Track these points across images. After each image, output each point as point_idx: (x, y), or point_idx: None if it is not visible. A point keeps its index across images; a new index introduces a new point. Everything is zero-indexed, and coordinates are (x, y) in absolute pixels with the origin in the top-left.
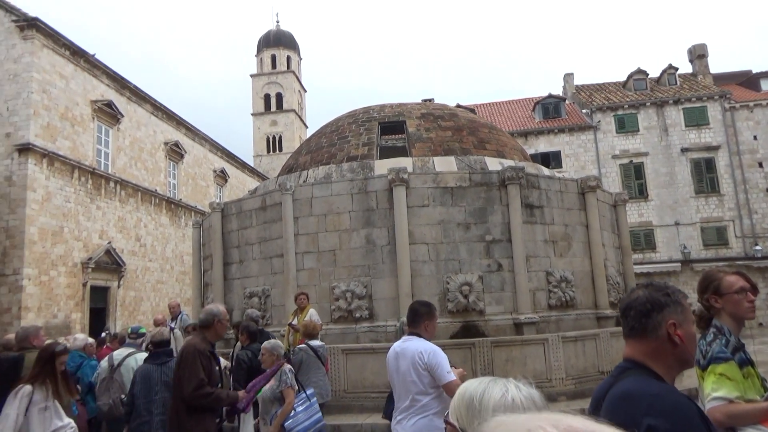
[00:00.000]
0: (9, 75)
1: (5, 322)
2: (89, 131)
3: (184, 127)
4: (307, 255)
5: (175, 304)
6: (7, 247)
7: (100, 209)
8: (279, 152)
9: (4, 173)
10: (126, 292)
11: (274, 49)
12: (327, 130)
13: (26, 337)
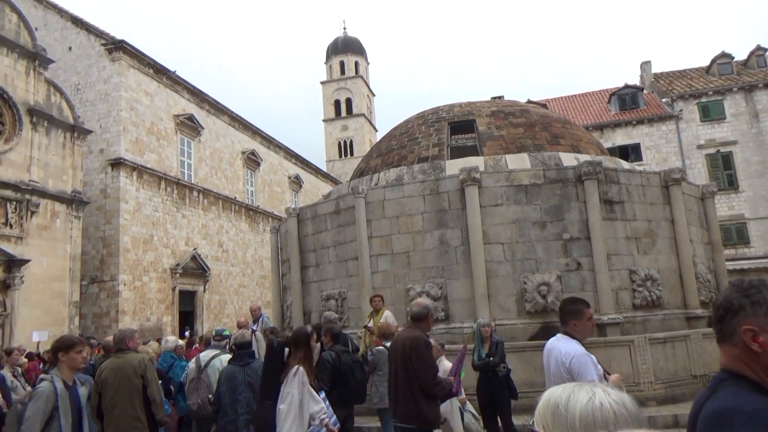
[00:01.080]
0: (101, 95)
1: (105, 325)
2: (173, 144)
3: (259, 136)
4: (381, 257)
5: (256, 307)
6: (105, 255)
7: (185, 217)
8: (350, 156)
9: (99, 186)
10: (211, 296)
11: (343, 56)
12: (397, 132)
13: (123, 339)
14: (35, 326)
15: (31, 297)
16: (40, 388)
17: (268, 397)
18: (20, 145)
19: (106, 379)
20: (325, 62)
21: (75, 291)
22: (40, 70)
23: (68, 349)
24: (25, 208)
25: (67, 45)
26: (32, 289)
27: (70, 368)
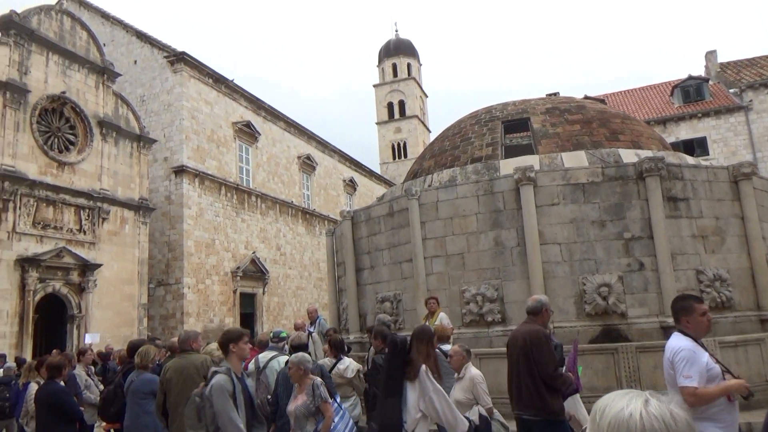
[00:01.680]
0: (164, 105)
1: (171, 326)
2: (232, 150)
3: (314, 141)
4: (436, 259)
5: (313, 309)
6: (170, 259)
7: (245, 222)
8: (404, 158)
9: (164, 193)
10: (270, 298)
11: (395, 58)
12: (449, 133)
13: (187, 340)
14: (108, 328)
15: (103, 299)
16: (217, 379)
17: (391, 394)
18: (92, 155)
19: (170, 379)
20: (377, 65)
21: (143, 293)
22: (108, 83)
23: (237, 340)
24: (97, 215)
25: (132, 59)
26: (104, 292)
27: (239, 358)
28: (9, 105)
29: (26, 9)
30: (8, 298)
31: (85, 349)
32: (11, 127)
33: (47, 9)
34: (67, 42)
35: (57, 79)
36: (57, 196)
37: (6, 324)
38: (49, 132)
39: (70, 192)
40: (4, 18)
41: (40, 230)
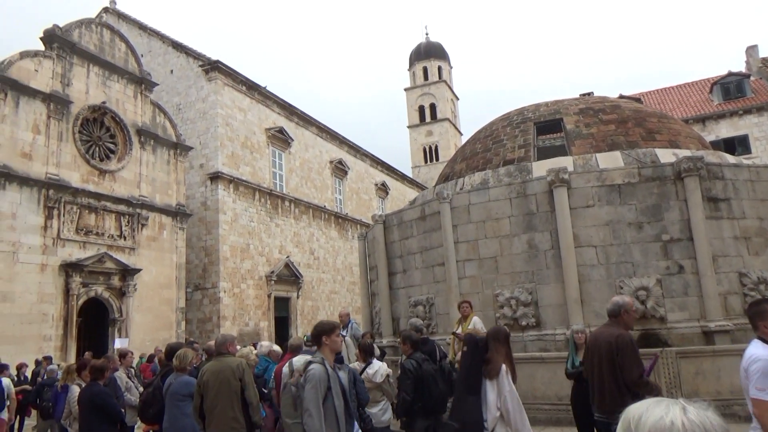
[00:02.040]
0: (199, 113)
1: (208, 330)
2: (265, 156)
3: (346, 145)
4: (468, 262)
5: (345, 313)
6: (207, 264)
7: (278, 226)
8: (436, 162)
9: (200, 199)
10: (304, 302)
11: (425, 61)
12: (481, 135)
13: (224, 343)
14: (148, 331)
15: (143, 303)
16: (312, 370)
17: (472, 392)
18: (131, 163)
19: (207, 381)
20: (408, 69)
21: (181, 298)
22: (146, 93)
23: (330, 332)
24: (137, 221)
25: (168, 68)
26: (144, 296)
27: (332, 351)
28: (53, 116)
29: (68, 23)
30: (53, 302)
31: (125, 352)
32: (55, 137)
33: (88, 22)
34: (107, 54)
35: (97, 90)
36: (98, 203)
37: (51, 327)
38: (91, 141)
39: (111, 199)
40: (48, 32)
41: (83, 236)
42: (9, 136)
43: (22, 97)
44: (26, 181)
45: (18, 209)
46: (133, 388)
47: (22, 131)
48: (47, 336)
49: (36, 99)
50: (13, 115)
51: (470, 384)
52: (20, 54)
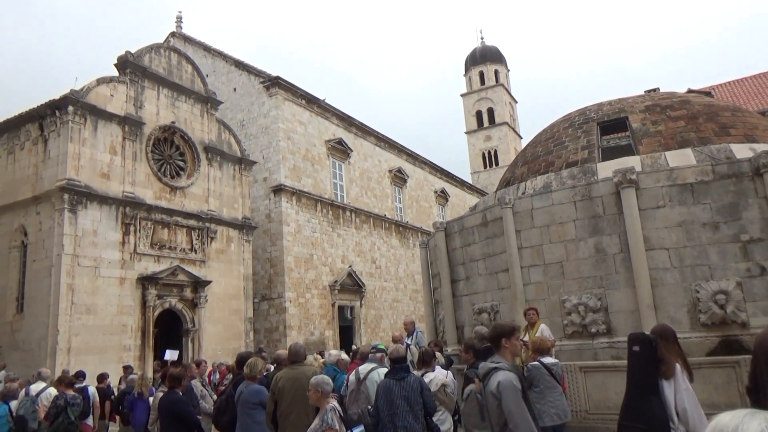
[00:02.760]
0: (262, 128)
1: (275, 339)
2: (326, 168)
3: (404, 154)
4: (533, 268)
5: (409, 321)
6: (272, 275)
7: (340, 236)
8: (495, 167)
9: (264, 212)
10: (367, 311)
11: (481, 66)
12: (542, 138)
13: (298, 352)
14: (219, 341)
15: (213, 314)
16: (505, 376)
17: (653, 392)
18: (199, 179)
19: (282, 388)
20: (464, 74)
21: (249, 308)
22: (211, 111)
23: (510, 335)
24: (206, 234)
25: (232, 86)
26: (214, 307)
27: (512, 354)
28: (127, 137)
29: (139, 48)
30: (132, 314)
31: (200, 361)
32: (130, 157)
33: (156, 47)
34: (175, 76)
35: (167, 111)
36: (171, 219)
37: (131, 338)
38: (162, 159)
39: (182, 214)
40: (121, 58)
41: (157, 251)
42: (89, 158)
43: (100, 120)
44: (105, 199)
45: (98, 226)
46: (208, 396)
47: (100, 153)
48: (127, 346)
49: (112, 122)
50: (93, 138)
51: (650, 384)
52: (97, 81)
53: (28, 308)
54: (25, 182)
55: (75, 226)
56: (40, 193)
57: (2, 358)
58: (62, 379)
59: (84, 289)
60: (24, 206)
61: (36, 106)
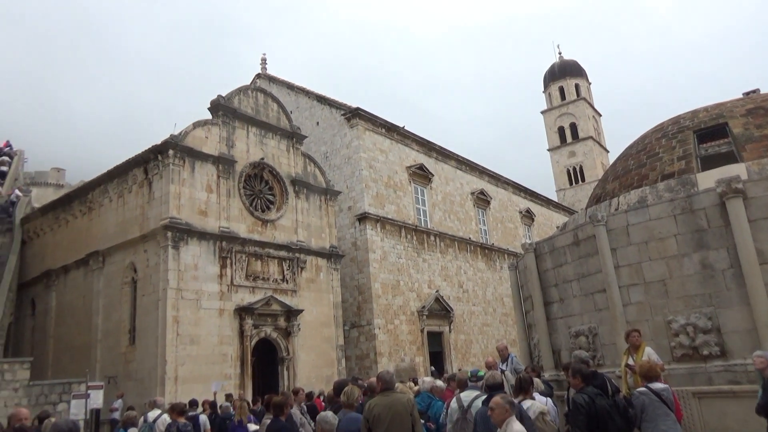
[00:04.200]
0: (345, 159)
1: (366, 366)
2: (408, 194)
3: (486, 175)
4: (632, 288)
5: (503, 346)
6: (360, 302)
7: (426, 261)
8: (582, 183)
9: (350, 240)
10: (457, 336)
11: (561, 81)
12: (632, 151)
13: (391, 380)
14: (312, 369)
15: (306, 342)
16: None
17: None
18: (288, 211)
19: (378, 415)
20: (543, 91)
21: (339, 335)
22: (297, 146)
23: None
24: (296, 264)
25: (315, 120)
26: (307, 335)
27: None
28: (221, 175)
29: (229, 92)
30: (231, 343)
31: (298, 389)
32: (224, 194)
33: (245, 89)
34: (262, 115)
35: (256, 148)
36: (263, 251)
37: (231, 367)
38: (253, 194)
39: (273, 246)
40: (214, 102)
41: (252, 282)
42: (188, 197)
43: (197, 161)
44: (204, 235)
45: (199, 261)
46: (307, 424)
47: (198, 191)
48: (228, 374)
49: (207, 162)
50: (191, 178)
51: None
52: (193, 124)
53: (140, 340)
54: (134, 222)
55: (178, 261)
56: (146, 231)
57: (119, 388)
58: (174, 407)
59: (188, 321)
60: (133, 245)
61: (141, 152)
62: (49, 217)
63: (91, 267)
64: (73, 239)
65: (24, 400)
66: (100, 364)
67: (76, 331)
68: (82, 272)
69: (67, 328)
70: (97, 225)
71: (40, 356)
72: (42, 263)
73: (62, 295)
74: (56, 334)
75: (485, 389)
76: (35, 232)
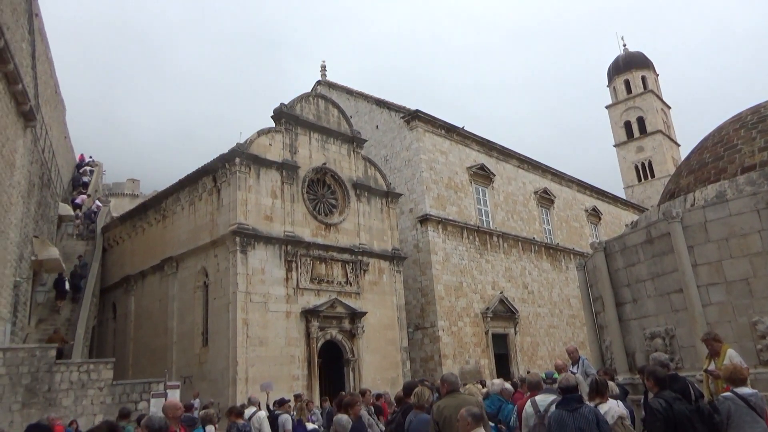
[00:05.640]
0: (405, 161)
1: (430, 368)
2: (469, 195)
3: (549, 173)
4: (712, 287)
5: (573, 349)
6: (424, 304)
7: (489, 262)
8: (651, 179)
9: (412, 242)
10: (522, 338)
11: (626, 74)
12: (708, 143)
13: (457, 382)
14: (377, 370)
15: (370, 344)
16: None
17: None
18: (350, 215)
19: (449, 417)
20: (607, 85)
21: (404, 338)
22: (357, 150)
23: None
24: (359, 267)
25: (374, 124)
26: (371, 337)
27: None
28: (285, 181)
29: (291, 100)
30: (298, 345)
31: (365, 390)
32: (288, 199)
33: (306, 96)
34: (323, 120)
35: (318, 153)
36: (327, 254)
37: (298, 368)
38: (316, 199)
39: (336, 249)
40: (276, 110)
41: (317, 285)
42: (255, 203)
43: (262, 168)
44: (270, 240)
45: (266, 265)
46: (375, 425)
47: (263, 197)
48: (296, 375)
49: (272, 169)
50: (257, 184)
51: None
52: (258, 133)
53: (212, 342)
54: (204, 229)
55: (246, 266)
56: (216, 237)
57: (194, 388)
58: (232, 410)
59: (256, 323)
60: (204, 250)
61: (210, 161)
62: (126, 225)
63: (166, 272)
64: (149, 246)
65: (108, 398)
66: (176, 365)
67: (153, 334)
68: (158, 277)
69: (145, 330)
70: (171, 232)
71: (121, 357)
72: (121, 269)
73: (140, 299)
74: (135, 336)
75: (559, 392)
76: (115, 240)
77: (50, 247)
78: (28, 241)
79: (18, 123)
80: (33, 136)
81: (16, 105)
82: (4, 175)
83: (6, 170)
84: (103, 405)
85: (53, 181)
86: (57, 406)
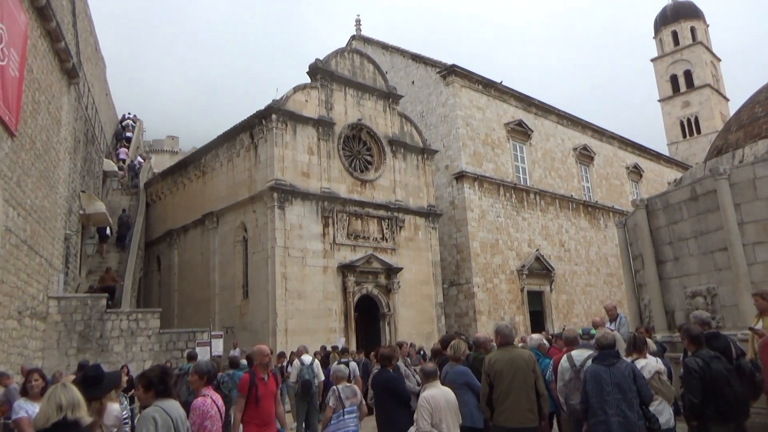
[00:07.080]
0: (441, 117)
1: (465, 324)
2: (506, 151)
3: (590, 130)
4: (759, 246)
5: (611, 306)
6: (459, 261)
7: (525, 220)
8: (697, 135)
9: (448, 199)
10: (558, 296)
11: (674, 25)
12: (761, 97)
13: (510, 334)
14: (412, 325)
15: (406, 299)
16: None
17: None
18: (386, 171)
19: (501, 371)
20: (653, 37)
21: (439, 293)
22: (393, 106)
23: None
24: (395, 224)
25: (410, 80)
26: (407, 293)
27: None
28: (321, 137)
29: (326, 55)
30: (335, 299)
31: (401, 343)
32: (324, 155)
33: (341, 51)
34: (358, 76)
35: (353, 110)
36: (363, 210)
37: (335, 321)
38: (352, 155)
39: (372, 205)
40: (312, 66)
41: (353, 240)
42: (291, 159)
43: (298, 125)
44: (307, 196)
45: (303, 221)
46: (411, 376)
47: (300, 154)
48: (333, 328)
49: (308, 125)
50: (293, 141)
51: None
52: (294, 89)
53: (252, 294)
54: (243, 185)
55: (284, 221)
56: (254, 193)
57: (235, 337)
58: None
59: (295, 277)
60: (243, 206)
61: (246, 117)
62: (168, 181)
63: (207, 227)
64: (190, 201)
65: (156, 345)
66: (218, 316)
67: (196, 286)
68: (199, 231)
69: (189, 282)
70: (211, 188)
71: (166, 307)
72: (164, 224)
73: (183, 253)
74: (180, 287)
75: (596, 348)
76: (157, 195)
77: (97, 201)
78: (76, 195)
79: (62, 80)
80: (76, 93)
81: (60, 62)
82: (51, 131)
83: (53, 127)
84: (151, 351)
85: (97, 138)
86: (109, 351)
